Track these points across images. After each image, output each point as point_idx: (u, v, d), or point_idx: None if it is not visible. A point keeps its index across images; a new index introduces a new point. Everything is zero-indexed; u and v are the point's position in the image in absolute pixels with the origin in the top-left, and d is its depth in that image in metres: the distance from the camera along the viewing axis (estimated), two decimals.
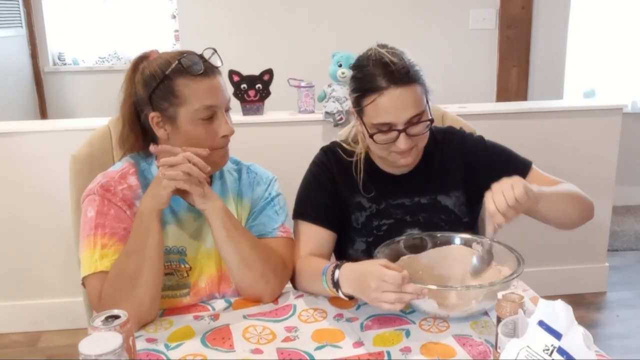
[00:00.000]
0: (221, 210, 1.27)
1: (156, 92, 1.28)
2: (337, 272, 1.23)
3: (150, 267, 1.21)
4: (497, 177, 1.45)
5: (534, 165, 1.48)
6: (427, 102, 1.37)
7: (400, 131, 1.33)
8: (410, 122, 1.33)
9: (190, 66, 1.27)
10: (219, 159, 1.34)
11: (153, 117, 1.30)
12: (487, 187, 1.48)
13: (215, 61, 1.33)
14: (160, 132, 1.32)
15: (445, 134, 1.52)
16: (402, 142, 1.33)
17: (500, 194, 1.20)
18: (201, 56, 1.31)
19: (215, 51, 1.33)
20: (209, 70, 1.30)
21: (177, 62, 1.28)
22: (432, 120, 1.37)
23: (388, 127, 1.34)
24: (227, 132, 1.31)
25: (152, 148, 1.27)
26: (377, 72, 1.32)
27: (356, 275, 1.19)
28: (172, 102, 1.28)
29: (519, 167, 1.46)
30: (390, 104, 1.31)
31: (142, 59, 1.34)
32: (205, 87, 1.28)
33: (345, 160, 1.49)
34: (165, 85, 1.28)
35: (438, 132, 1.50)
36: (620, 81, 3.99)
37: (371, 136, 1.35)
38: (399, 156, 1.38)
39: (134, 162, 1.37)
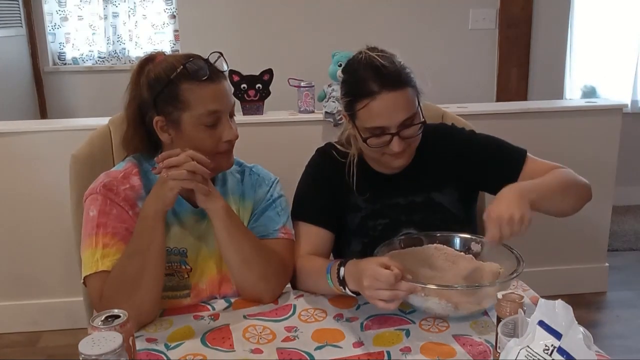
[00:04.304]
0: (224, 210, 1.27)
1: (161, 96, 1.28)
2: (342, 270, 1.23)
3: (152, 269, 1.21)
4: (491, 170, 1.45)
5: (529, 154, 1.47)
6: (419, 103, 1.37)
7: (393, 134, 1.33)
8: (403, 125, 1.34)
9: (195, 71, 1.26)
10: (223, 163, 1.33)
11: (157, 121, 1.30)
12: (481, 181, 1.48)
13: (221, 65, 1.32)
14: (164, 137, 1.31)
15: (436, 131, 1.51)
16: (396, 145, 1.34)
17: (507, 226, 1.18)
18: (207, 60, 1.30)
19: (222, 55, 1.32)
20: (214, 75, 1.29)
21: (182, 66, 1.27)
22: (424, 122, 1.37)
23: (381, 131, 1.34)
24: (231, 137, 1.31)
25: (155, 170, 1.23)
26: (369, 76, 1.32)
27: (356, 272, 1.19)
28: (176, 107, 1.27)
29: (514, 157, 1.45)
30: (382, 108, 1.31)
31: (148, 61, 1.33)
32: (210, 92, 1.27)
33: (339, 161, 1.49)
34: (169, 89, 1.27)
35: (429, 129, 1.50)
36: (621, 81, 3.99)
37: (365, 140, 1.36)
38: (392, 158, 1.39)
39: (137, 162, 1.36)
